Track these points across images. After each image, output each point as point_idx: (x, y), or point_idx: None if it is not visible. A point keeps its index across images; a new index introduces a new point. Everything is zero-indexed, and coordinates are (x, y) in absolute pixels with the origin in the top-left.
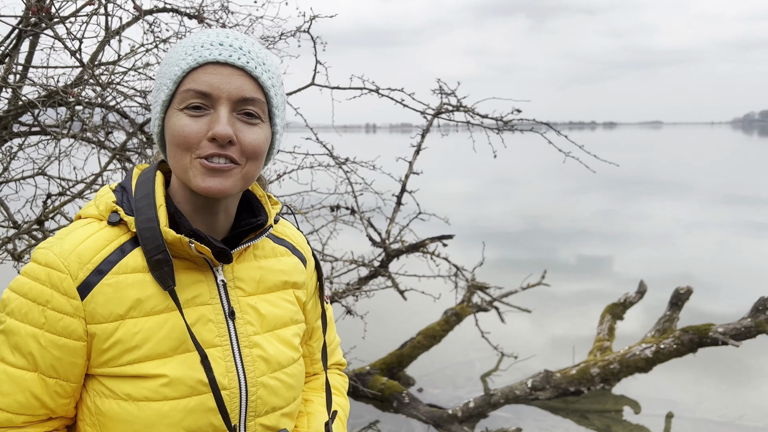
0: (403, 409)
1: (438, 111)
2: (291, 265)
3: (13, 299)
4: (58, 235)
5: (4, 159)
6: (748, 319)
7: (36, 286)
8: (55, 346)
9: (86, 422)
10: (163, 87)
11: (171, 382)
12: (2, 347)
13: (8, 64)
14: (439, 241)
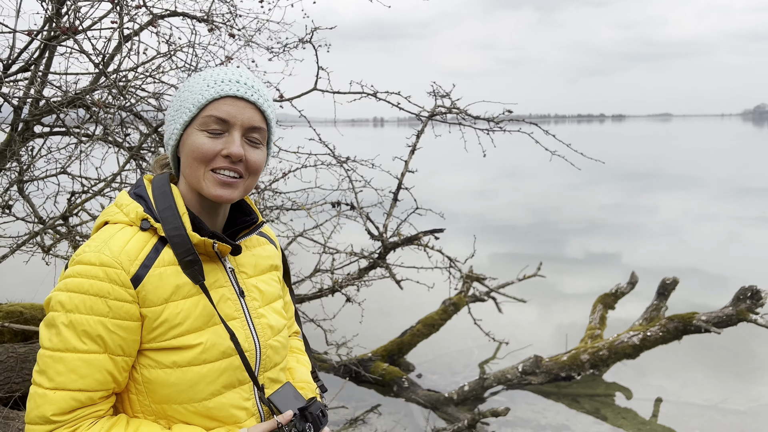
0: (402, 393)
1: (432, 113)
2: (272, 252)
3: (73, 297)
4: (100, 240)
5: (28, 158)
6: (730, 307)
7: (96, 283)
8: (120, 329)
9: (132, 392)
10: (185, 110)
11: (207, 349)
12: (71, 340)
13: (33, 72)
14: (431, 234)
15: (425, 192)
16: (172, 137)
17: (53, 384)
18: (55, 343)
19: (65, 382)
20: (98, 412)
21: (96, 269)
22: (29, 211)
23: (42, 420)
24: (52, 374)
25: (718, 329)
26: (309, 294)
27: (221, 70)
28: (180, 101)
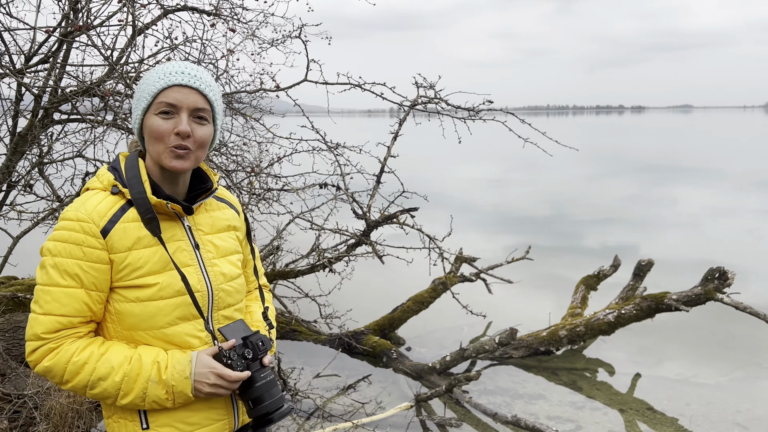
0: (391, 363)
1: (414, 103)
2: (231, 215)
3: (57, 245)
4: (79, 201)
5: (47, 142)
6: (699, 287)
7: (73, 234)
8: (92, 269)
9: (108, 321)
10: (143, 99)
11: (163, 288)
12: (55, 277)
13: (52, 64)
14: (407, 213)
15: (440, 183)
16: (136, 121)
17: (42, 310)
18: (44, 279)
19: (51, 309)
20: (78, 333)
21: (73, 223)
22: (49, 191)
23: (35, 337)
24: (42, 303)
25: (687, 307)
26: (303, 269)
27: (171, 65)
28: (140, 92)
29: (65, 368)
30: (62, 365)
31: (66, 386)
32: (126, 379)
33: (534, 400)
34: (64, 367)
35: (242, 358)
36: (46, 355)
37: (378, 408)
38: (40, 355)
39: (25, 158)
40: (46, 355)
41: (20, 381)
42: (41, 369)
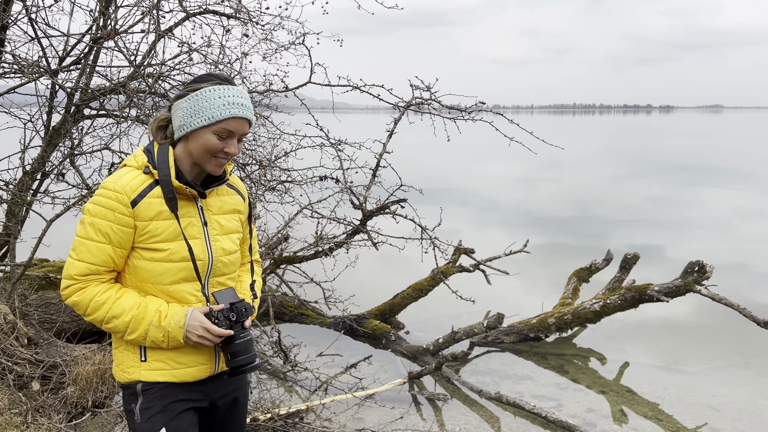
0: (389, 345)
1: (409, 103)
2: (237, 200)
3: (96, 208)
4: (117, 175)
5: (78, 135)
6: (679, 279)
7: (109, 201)
8: (120, 231)
9: (126, 272)
10: (204, 117)
11: (172, 253)
12: (91, 233)
13: (83, 65)
14: (397, 203)
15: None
16: (186, 128)
17: (78, 257)
18: (82, 233)
19: (84, 257)
20: (101, 279)
21: (110, 193)
22: (79, 180)
23: (69, 277)
24: (78, 251)
25: (667, 298)
26: (308, 255)
27: (231, 93)
28: (199, 106)
29: (89, 304)
30: (87, 301)
31: (88, 318)
32: (133, 320)
33: (521, 381)
34: (88, 303)
35: (227, 319)
36: (75, 292)
37: (374, 383)
38: (71, 291)
39: (58, 150)
40: (75, 292)
41: (51, 350)
42: (71, 302)
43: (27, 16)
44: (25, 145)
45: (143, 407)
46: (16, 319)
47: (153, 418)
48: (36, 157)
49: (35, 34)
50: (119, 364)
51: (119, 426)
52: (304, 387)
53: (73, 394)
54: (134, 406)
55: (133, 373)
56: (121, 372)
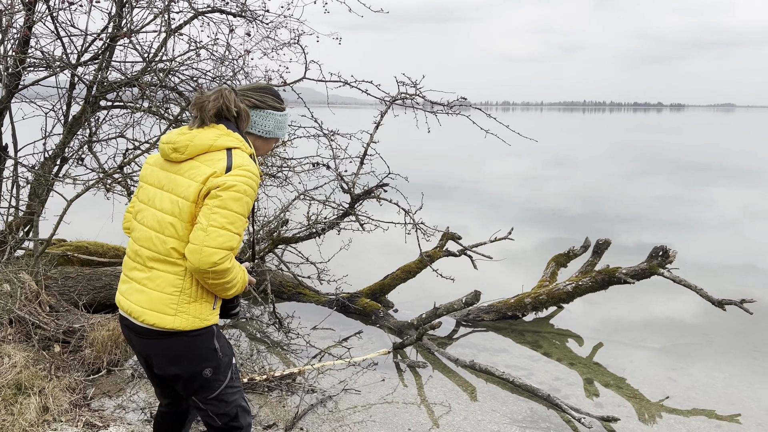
0: (378, 321)
1: (394, 98)
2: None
3: (249, 189)
4: (248, 159)
5: (96, 124)
6: (645, 263)
7: (255, 183)
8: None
9: None
10: (284, 132)
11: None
12: (245, 209)
13: (100, 60)
14: (380, 188)
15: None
16: (271, 134)
17: (236, 230)
18: (239, 209)
19: (240, 231)
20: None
21: (254, 176)
22: (96, 165)
23: (228, 248)
24: (236, 226)
25: (633, 280)
26: (302, 236)
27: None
28: (284, 122)
29: (233, 270)
30: (234, 268)
31: (221, 280)
32: (241, 280)
33: (497, 353)
34: (234, 269)
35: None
36: (229, 259)
37: (362, 352)
38: (226, 259)
39: (77, 138)
40: (228, 260)
41: (70, 317)
42: (222, 268)
43: (50, 15)
44: (47, 133)
45: (222, 344)
46: (38, 288)
47: (227, 348)
48: (57, 144)
49: (57, 32)
50: (197, 316)
51: (131, 383)
52: (298, 356)
53: (90, 355)
54: (215, 343)
55: (210, 319)
56: (200, 321)
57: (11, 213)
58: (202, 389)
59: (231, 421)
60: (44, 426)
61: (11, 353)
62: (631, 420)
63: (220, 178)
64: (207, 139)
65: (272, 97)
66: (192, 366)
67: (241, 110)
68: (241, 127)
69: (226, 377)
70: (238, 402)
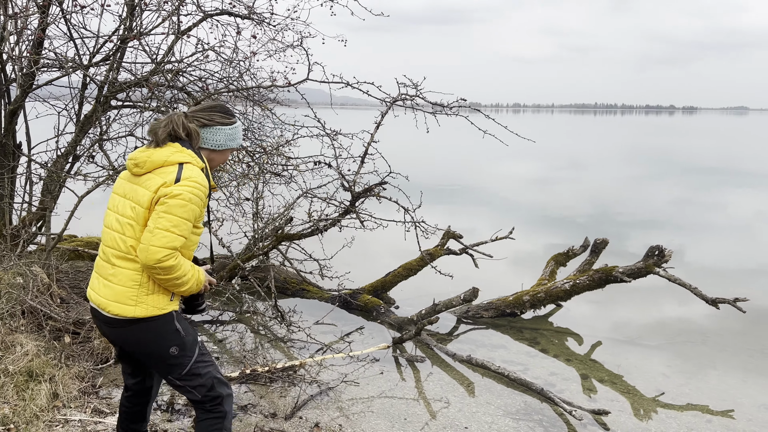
0: (379, 317)
1: (395, 99)
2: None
3: (194, 197)
4: (197, 171)
5: (106, 123)
6: (641, 262)
7: (202, 192)
8: (199, 211)
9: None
10: (236, 141)
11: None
12: (189, 214)
13: (111, 61)
14: (380, 186)
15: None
16: (223, 146)
17: (180, 232)
18: (183, 214)
19: (183, 233)
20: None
21: (201, 187)
22: (106, 162)
23: (172, 248)
24: (180, 228)
25: (630, 279)
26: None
27: (240, 129)
28: (235, 134)
29: (181, 267)
30: (181, 265)
31: (171, 275)
32: (194, 278)
33: (495, 349)
34: (181, 266)
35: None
36: (174, 257)
37: (362, 347)
38: (171, 256)
39: (88, 136)
40: (173, 257)
41: (80, 309)
42: (169, 264)
43: (63, 17)
44: (59, 131)
45: (183, 326)
46: (50, 281)
47: (189, 329)
48: (69, 142)
49: (70, 34)
50: (155, 305)
51: None
52: (300, 350)
53: (99, 346)
54: (177, 325)
55: (167, 308)
56: (158, 310)
57: (24, 208)
58: (174, 367)
59: (208, 391)
60: (54, 411)
61: (23, 342)
62: (623, 414)
63: (168, 188)
64: (162, 156)
65: (220, 114)
66: (159, 346)
67: (190, 131)
68: (193, 145)
69: (193, 353)
70: (212, 374)
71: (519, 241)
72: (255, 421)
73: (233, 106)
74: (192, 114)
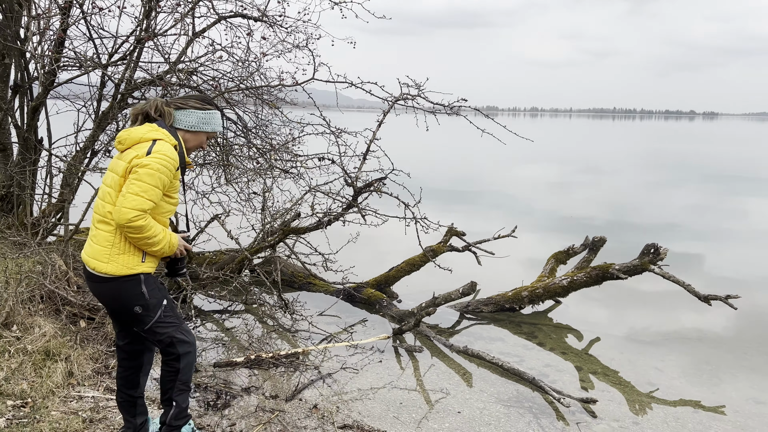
0: (382, 309)
1: (397, 99)
2: None
3: (162, 167)
4: (167, 147)
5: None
6: (636, 260)
7: (170, 163)
8: (168, 182)
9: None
10: (209, 125)
11: (177, 201)
12: (157, 182)
13: (128, 61)
14: (380, 181)
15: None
16: (196, 128)
17: (148, 197)
18: (151, 181)
19: (152, 197)
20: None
21: (170, 159)
22: None
23: (140, 209)
24: (148, 193)
25: (625, 276)
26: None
27: (218, 116)
28: (209, 119)
29: (152, 228)
30: (151, 225)
31: (143, 234)
32: (164, 240)
33: (493, 342)
34: (152, 227)
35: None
36: (143, 218)
37: (364, 337)
38: (140, 217)
39: (106, 133)
40: (143, 218)
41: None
42: (139, 224)
43: (83, 18)
44: (78, 128)
45: (150, 288)
46: (67, 269)
47: (156, 293)
48: (87, 137)
49: (89, 34)
50: (125, 264)
51: None
52: (304, 339)
53: (112, 330)
54: (142, 289)
55: (137, 269)
56: (127, 269)
57: (45, 200)
58: (138, 322)
59: (167, 347)
60: (69, 388)
61: (42, 324)
62: (612, 403)
63: (140, 159)
64: (139, 133)
65: (195, 100)
66: (125, 304)
67: (163, 112)
68: (166, 123)
69: (155, 314)
70: (171, 334)
71: (532, 244)
72: (257, 401)
73: (244, 104)
74: (171, 100)
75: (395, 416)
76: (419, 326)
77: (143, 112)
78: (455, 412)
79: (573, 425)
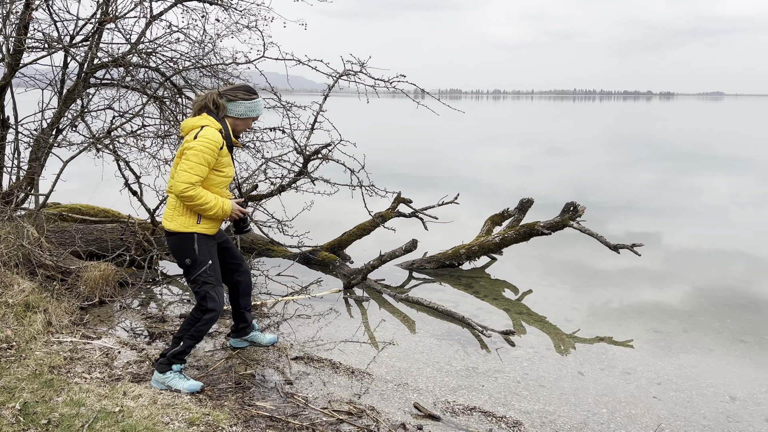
0: (335, 269)
1: (340, 75)
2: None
3: (206, 148)
4: (210, 132)
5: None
6: (558, 217)
7: (214, 144)
8: (213, 160)
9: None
10: (255, 112)
11: (227, 173)
12: (202, 161)
13: (91, 42)
14: (326, 147)
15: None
16: (244, 115)
17: (195, 172)
18: (197, 159)
19: (198, 172)
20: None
21: (213, 142)
22: (87, 132)
23: (189, 182)
24: (195, 170)
25: (549, 231)
26: (266, 193)
27: (261, 104)
28: (254, 107)
29: (203, 196)
30: (201, 194)
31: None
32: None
33: (434, 292)
34: (202, 195)
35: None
36: (192, 189)
37: (319, 292)
38: (190, 188)
39: (71, 111)
40: (192, 189)
41: (66, 261)
42: (189, 194)
43: (46, 2)
44: (44, 106)
45: (200, 246)
46: (40, 236)
47: (204, 252)
48: (54, 114)
49: (52, 17)
50: (183, 224)
51: (119, 312)
52: (262, 295)
53: (84, 291)
54: (194, 245)
55: (192, 228)
56: (184, 227)
57: (14, 173)
58: (186, 273)
59: (201, 300)
60: (49, 335)
61: (20, 282)
62: (531, 335)
63: (189, 142)
64: (192, 122)
65: (243, 92)
66: (180, 255)
67: (219, 104)
68: (219, 114)
69: (199, 269)
70: (207, 290)
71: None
72: (220, 344)
73: (200, 83)
74: (223, 92)
75: (341, 350)
76: (366, 280)
77: (202, 104)
78: (393, 344)
79: (493, 351)
